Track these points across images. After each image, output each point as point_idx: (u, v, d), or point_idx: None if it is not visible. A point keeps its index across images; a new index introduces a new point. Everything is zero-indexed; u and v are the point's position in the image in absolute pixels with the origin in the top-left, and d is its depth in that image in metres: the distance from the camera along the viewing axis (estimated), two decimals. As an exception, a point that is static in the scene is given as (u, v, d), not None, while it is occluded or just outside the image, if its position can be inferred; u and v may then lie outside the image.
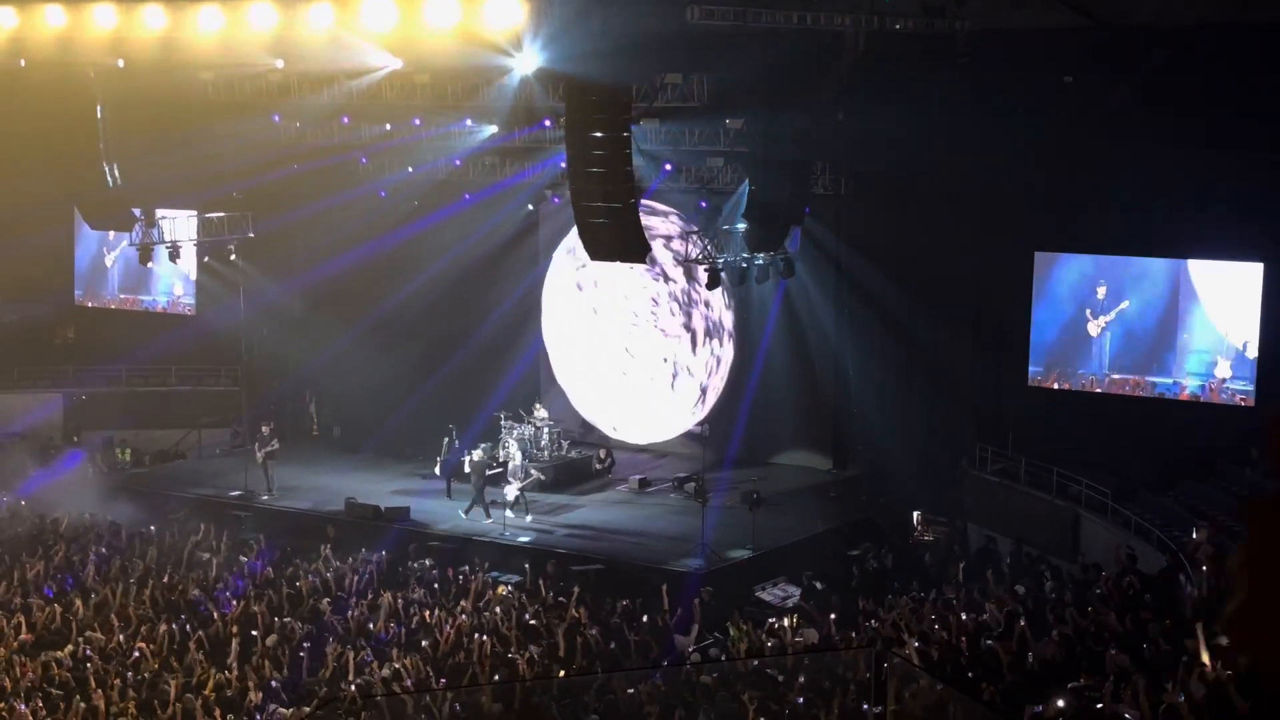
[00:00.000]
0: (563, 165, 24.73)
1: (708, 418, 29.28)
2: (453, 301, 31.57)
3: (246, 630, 18.82)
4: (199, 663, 17.73)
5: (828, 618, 19.39)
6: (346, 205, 31.11)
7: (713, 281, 25.35)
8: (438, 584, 21.90)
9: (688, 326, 30.08)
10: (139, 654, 18.01)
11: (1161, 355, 24.51)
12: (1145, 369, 24.63)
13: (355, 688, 16.23)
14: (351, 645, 18.38)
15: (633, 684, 15.17)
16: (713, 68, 24.10)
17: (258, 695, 16.61)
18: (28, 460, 29.72)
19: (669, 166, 27.93)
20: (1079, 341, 25.31)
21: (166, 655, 18.11)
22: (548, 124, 27.26)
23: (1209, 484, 22.35)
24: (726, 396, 29.77)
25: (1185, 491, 22.52)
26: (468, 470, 26.20)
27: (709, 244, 25.11)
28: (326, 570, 22.23)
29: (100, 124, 27.37)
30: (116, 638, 18.67)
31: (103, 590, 20.71)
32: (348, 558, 23.08)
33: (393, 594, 20.69)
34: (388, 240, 30.95)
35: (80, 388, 33.73)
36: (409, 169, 30.64)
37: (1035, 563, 22.38)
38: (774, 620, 20.16)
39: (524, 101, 25.43)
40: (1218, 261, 23.91)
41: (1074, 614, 16.70)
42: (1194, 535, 18.57)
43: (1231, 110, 22.49)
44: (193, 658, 17.85)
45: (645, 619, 19.68)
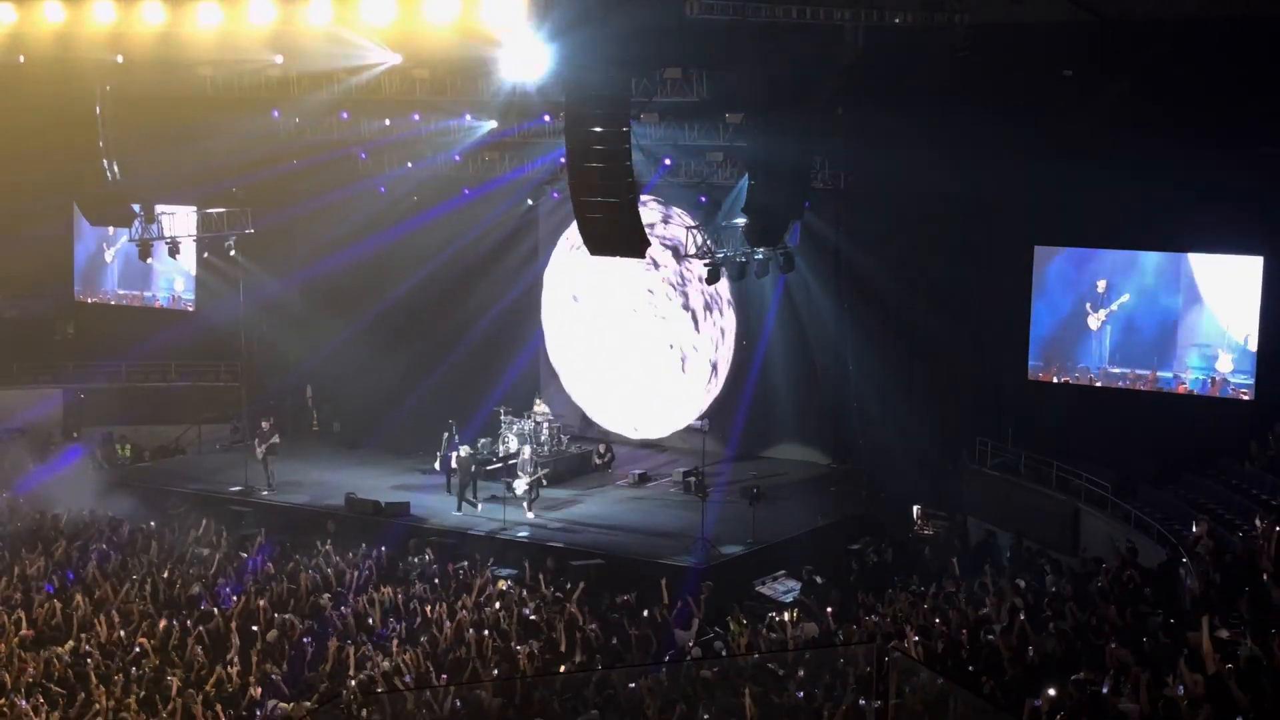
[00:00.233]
0: (562, 160, 24.71)
1: (708, 411, 29.29)
2: (452, 297, 31.63)
3: (247, 626, 18.81)
4: (199, 658, 17.71)
5: (826, 611, 19.40)
6: (346, 201, 31.12)
7: (712, 277, 25.35)
8: (438, 579, 21.90)
9: (686, 306, 30.11)
10: (140, 650, 18.00)
11: (1161, 349, 24.53)
12: (1145, 363, 24.64)
13: (356, 683, 16.23)
14: (352, 640, 18.38)
15: (633, 679, 15.16)
16: (712, 62, 24.06)
17: (257, 690, 16.61)
18: (27, 456, 29.70)
19: (668, 161, 27.93)
20: (1078, 335, 25.32)
21: (168, 651, 18.09)
22: (547, 119, 27.24)
23: (1209, 478, 22.33)
24: (729, 387, 29.79)
25: (1185, 485, 22.51)
26: (454, 466, 26.25)
27: (708, 239, 25.10)
28: (327, 565, 22.23)
29: (99, 120, 27.31)
30: (117, 633, 18.66)
31: (103, 586, 20.70)
32: (348, 553, 23.08)
33: (393, 589, 20.69)
34: (387, 235, 31.01)
35: (80, 383, 33.70)
36: (408, 164, 30.64)
37: (1035, 557, 22.36)
38: (774, 614, 20.17)
39: (523, 96, 25.40)
40: (1218, 255, 23.93)
41: (1074, 608, 16.68)
42: (1194, 529, 18.55)
43: (1232, 104, 22.48)
44: (193, 653, 17.84)
45: (645, 614, 19.68)
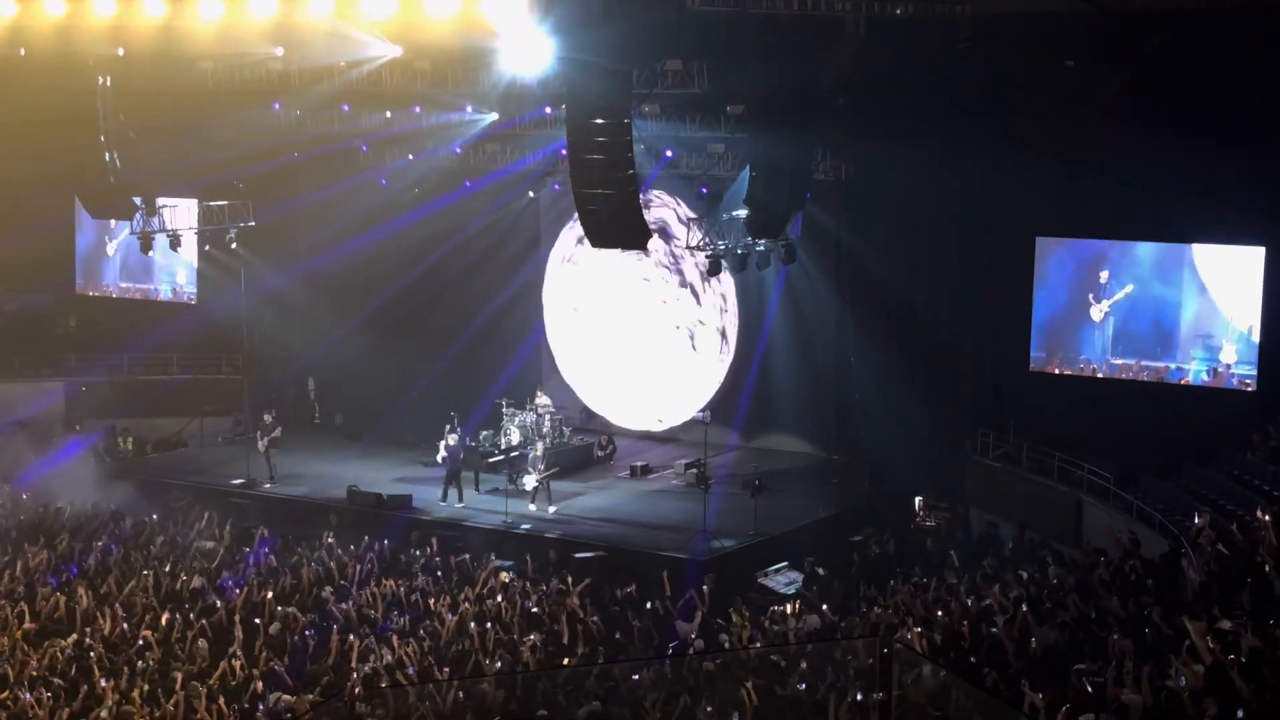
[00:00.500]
0: (563, 152, 24.70)
1: (710, 404, 29.28)
2: (454, 289, 31.62)
3: (250, 618, 18.83)
4: (202, 651, 17.73)
5: (828, 603, 19.41)
6: (347, 193, 31.11)
7: (714, 269, 25.33)
8: (440, 571, 21.91)
9: (684, 283, 30.09)
10: (143, 643, 18.02)
11: (1164, 340, 24.52)
12: (1147, 354, 24.64)
13: (359, 676, 16.25)
14: (355, 633, 18.39)
15: (636, 670, 15.16)
16: (713, 54, 24.03)
17: (259, 683, 16.62)
18: (29, 449, 29.70)
19: (669, 153, 27.90)
20: (1080, 326, 25.30)
21: (171, 644, 18.11)
22: (548, 110, 27.23)
23: (1211, 469, 22.31)
24: (731, 378, 29.80)
25: (1187, 476, 22.50)
26: (442, 455, 26.23)
27: (709, 230, 25.07)
28: (329, 558, 22.25)
29: (100, 113, 27.33)
30: (120, 626, 18.67)
31: (107, 579, 20.72)
32: (350, 545, 23.09)
33: (395, 581, 20.70)
34: (389, 228, 30.98)
35: (82, 377, 33.68)
36: (409, 156, 30.64)
37: (1037, 548, 22.37)
38: (776, 606, 20.17)
39: (524, 88, 25.39)
40: (1220, 245, 23.90)
41: (1076, 599, 16.69)
42: (1196, 520, 18.55)
43: (1234, 94, 22.43)
44: (196, 646, 17.85)
45: (648, 605, 19.70)
